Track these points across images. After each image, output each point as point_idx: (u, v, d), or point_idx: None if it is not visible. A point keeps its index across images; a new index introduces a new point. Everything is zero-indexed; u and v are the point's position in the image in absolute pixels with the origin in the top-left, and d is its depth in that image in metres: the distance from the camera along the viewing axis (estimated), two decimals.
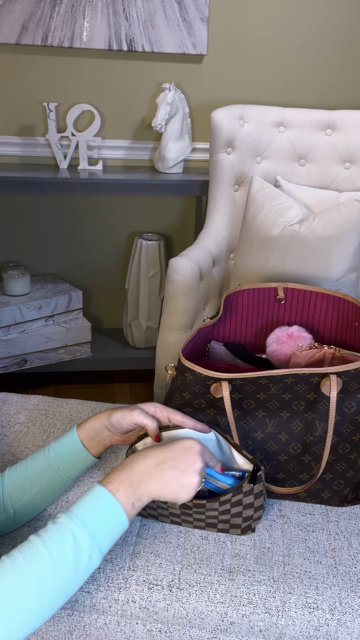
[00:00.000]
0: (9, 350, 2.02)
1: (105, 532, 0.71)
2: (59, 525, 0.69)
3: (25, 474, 0.91)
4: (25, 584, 0.65)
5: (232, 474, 0.93)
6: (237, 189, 1.90)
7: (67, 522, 0.69)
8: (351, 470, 1.01)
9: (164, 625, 0.89)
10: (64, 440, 0.92)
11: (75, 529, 0.69)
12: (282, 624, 0.86)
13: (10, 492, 0.90)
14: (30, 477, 0.91)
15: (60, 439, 0.93)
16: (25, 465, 0.92)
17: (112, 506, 0.72)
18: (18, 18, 1.89)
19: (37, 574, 0.66)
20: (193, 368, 0.93)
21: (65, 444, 0.92)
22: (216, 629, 0.88)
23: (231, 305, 1.22)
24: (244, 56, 2.06)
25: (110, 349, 2.25)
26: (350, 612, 0.87)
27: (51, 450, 0.92)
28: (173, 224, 2.29)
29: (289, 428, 0.98)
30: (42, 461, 0.91)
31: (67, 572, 0.68)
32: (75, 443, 0.91)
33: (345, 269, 1.56)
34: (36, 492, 0.91)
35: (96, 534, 0.70)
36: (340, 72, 2.11)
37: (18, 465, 0.93)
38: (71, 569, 0.68)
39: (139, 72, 2.04)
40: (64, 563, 0.67)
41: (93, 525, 0.70)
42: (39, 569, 0.66)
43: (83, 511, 0.71)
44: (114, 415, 0.90)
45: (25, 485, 0.90)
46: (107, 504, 0.72)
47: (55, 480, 0.92)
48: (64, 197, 2.19)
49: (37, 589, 0.66)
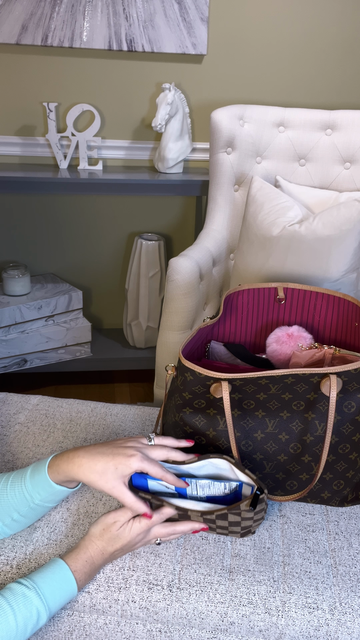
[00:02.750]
0: (9, 350, 2.02)
1: (59, 606, 0.84)
2: (28, 602, 0.80)
3: (6, 500, 0.89)
4: None
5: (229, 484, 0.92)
6: (237, 189, 1.90)
7: (36, 600, 0.81)
8: (351, 470, 1.01)
9: (164, 625, 0.89)
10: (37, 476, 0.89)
11: (41, 609, 0.81)
12: (282, 624, 0.86)
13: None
14: (10, 503, 0.89)
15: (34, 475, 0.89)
16: (6, 491, 0.89)
17: (72, 591, 0.85)
18: (18, 18, 1.89)
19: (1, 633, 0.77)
20: (193, 368, 0.93)
21: (38, 480, 0.88)
22: (216, 629, 0.88)
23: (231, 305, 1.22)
24: (244, 56, 2.06)
25: (110, 349, 2.25)
26: (350, 612, 0.86)
27: (27, 483, 0.89)
28: (173, 224, 2.29)
29: (288, 428, 0.98)
30: (19, 492, 0.89)
31: (20, 635, 0.79)
32: (47, 483, 0.88)
33: (345, 269, 1.56)
34: (19, 516, 0.90)
35: (53, 610, 0.83)
36: (340, 72, 2.11)
37: (0, 485, 0.90)
38: (22, 634, 0.80)
39: (139, 72, 2.04)
40: (23, 631, 0.79)
41: (54, 604, 0.83)
42: (2, 632, 0.77)
43: (50, 593, 0.82)
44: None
45: (7, 510, 0.89)
46: (69, 589, 0.84)
47: (36, 510, 0.90)
48: (64, 197, 2.19)
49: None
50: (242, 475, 0.91)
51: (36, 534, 0.95)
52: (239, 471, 0.91)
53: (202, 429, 0.98)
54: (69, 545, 0.94)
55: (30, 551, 0.93)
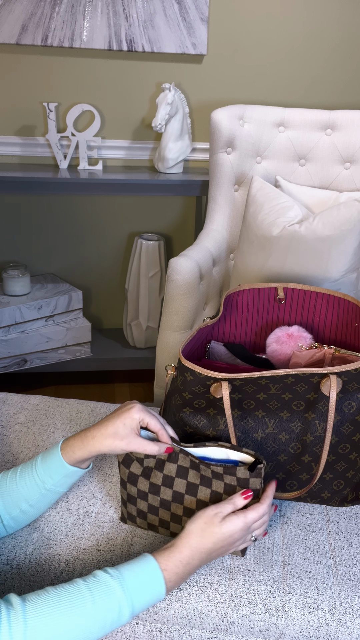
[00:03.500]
0: (9, 350, 2.02)
1: (144, 607, 0.78)
2: (110, 592, 0.75)
3: (15, 490, 0.89)
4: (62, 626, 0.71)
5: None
6: (237, 189, 1.90)
7: (119, 593, 0.75)
8: (351, 470, 1.01)
9: (164, 625, 0.89)
10: (49, 460, 0.89)
11: (123, 604, 0.75)
12: (282, 624, 0.86)
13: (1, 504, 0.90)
14: (20, 493, 0.89)
15: (46, 459, 0.90)
16: (15, 481, 0.90)
17: (160, 592, 0.79)
18: (18, 18, 1.89)
19: (76, 621, 0.72)
20: (193, 368, 0.93)
21: (51, 464, 0.89)
22: (216, 629, 0.88)
23: (231, 305, 1.22)
24: (244, 56, 2.06)
25: (110, 349, 2.25)
26: (350, 612, 0.87)
27: (38, 469, 0.90)
28: (173, 224, 2.29)
29: (288, 428, 0.98)
30: (30, 480, 0.89)
31: (98, 627, 0.74)
32: (61, 464, 0.89)
33: (345, 269, 1.56)
34: (28, 506, 0.90)
35: (137, 609, 0.77)
36: (340, 72, 2.11)
37: (8, 478, 0.90)
38: (101, 626, 0.74)
39: (139, 72, 2.04)
40: (102, 624, 0.74)
41: (138, 603, 0.77)
42: (79, 619, 0.72)
43: (136, 589, 0.76)
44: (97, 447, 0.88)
45: (16, 501, 0.89)
46: (157, 593, 0.78)
47: (47, 496, 0.91)
48: (64, 197, 2.19)
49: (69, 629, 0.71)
50: (239, 456, 0.90)
51: (36, 533, 0.95)
52: (236, 453, 0.90)
53: (202, 429, 0.98)
54: (69, 545, 0.94)
55: (30, 551, 0.93)
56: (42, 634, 0.70)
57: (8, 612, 0.70)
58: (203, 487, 0.90)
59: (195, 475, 0.90)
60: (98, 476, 1.08)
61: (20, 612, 0.70)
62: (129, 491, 0.94)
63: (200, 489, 0.90)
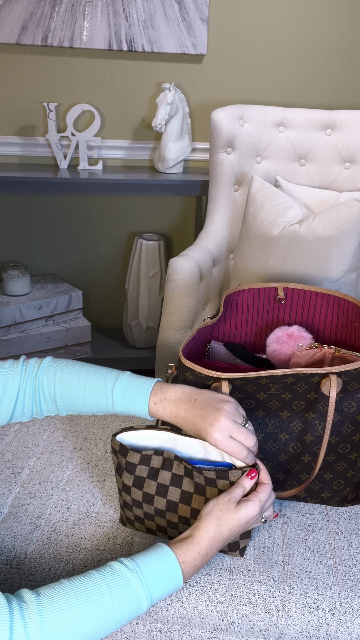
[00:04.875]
0: (9, 350, 2.02)
1: (161, 598, 0.77)
2: (128, 585, 0.73)
3: (79, 401, 0.89)
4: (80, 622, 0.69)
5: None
6: (237, 189, 1.90)
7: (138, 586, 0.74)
8: (351, 470, 1.01)
9: (164, 625, 0.89)
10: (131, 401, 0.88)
11: (141, 596, 0.74)
12: (282, 623, 0.86)
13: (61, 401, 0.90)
14: (83, 403, 0.89)
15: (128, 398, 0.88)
16: (83, 396, 0.89)
17: (177, 583, 0.78)
18: (18, 18, 1.89)
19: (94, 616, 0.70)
20: (193, 368, 0.93)
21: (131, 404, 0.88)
22: (216, 628, 0.88)
23: (231, 305, 1.22)
24: (244, 56, 2.06)
25: (110, 349, 2.25)
26: (350, 612, 0.87)
27: (116, 403, 0.88)
28: (173, 224, 2.29)
29: (288, 428, 0.98)
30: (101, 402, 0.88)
31: (116, 620, 0.72)
32: (144, 412, 0.88)
33: (345, 269, 1.56)
34: (83, 411, 0.91)
35: (154, 600, 0.76)
36: (340, 72, 2.11)
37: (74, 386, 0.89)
38: (119, 620, 0.73)
39: (139, 72, 2.05)
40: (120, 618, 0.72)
41: (156, 594, 0.75)
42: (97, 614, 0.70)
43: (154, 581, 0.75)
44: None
45: (75, 406, 0.90)
46: (174, 585, 0.77)
47: (106, 412, 0.91)
48: (64, 197, 2.19)
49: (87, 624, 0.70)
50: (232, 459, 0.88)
51: (36, 533, 0.95)
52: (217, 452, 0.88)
53: None
54: (69, 545, 0.94)
55: (30, 551, 0.93)
56: (59, 631, 0.67)
57: (21, 609, 0.67)
58: (197, 495, 0.88)
59: (189, 483, 0.89)
60: (98, 476, 1.08)
61: (36, 609, 0.67)
62: (124, 498, 0.94)
63: (194, 498, 0.89)
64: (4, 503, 1.01)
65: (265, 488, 0.85)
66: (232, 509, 0.82)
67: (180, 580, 0.77)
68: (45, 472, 1.09)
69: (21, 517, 0.98)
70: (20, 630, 0.65)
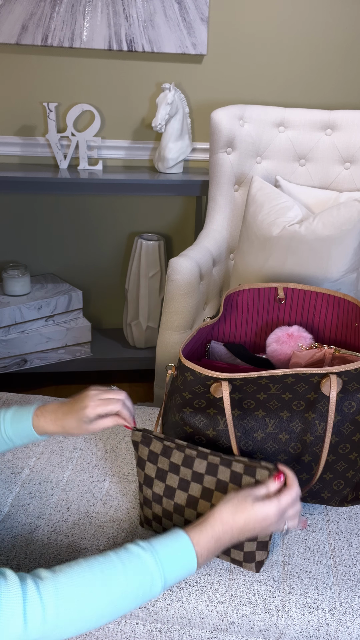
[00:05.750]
0: (9, 350, 2.02)
1: (175, 580, 0.78)
2: (142, 564, 0.74)
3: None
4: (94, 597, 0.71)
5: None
6: (237, 189, 1.90)
7: (152, 565, 0.75)
8: (351, 470, 1.01)
9: (164, 625, 0.89)
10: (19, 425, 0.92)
11: (156, 576, 0.75)
12: (282, 623, 0.86)
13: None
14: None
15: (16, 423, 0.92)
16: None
17: (191, 566, 0.78)
18: (18, 18, 1.89)
19: (108, 591, 0.71)
20: (193, 368, 0.93)
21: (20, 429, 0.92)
22: (216, 628, 0.88)
23: (231, 305, 1.22)
24: (244, 56, 2.06)
25: (110, 349, 2.25)
26: (350, 612, 0.87)
27: (6, 428, 0.92)
28: (173, 224, 2.29)
29: (289, 428, 0.98)
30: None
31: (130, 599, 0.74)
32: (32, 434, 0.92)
33: (345, 269, 1.56)
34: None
35: (169, 581, 0.77)
36: (340, 72, 2.11)
37: None
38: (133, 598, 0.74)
39: (139, 72, 2.04)
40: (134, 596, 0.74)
41: (170, 575, 0.76)
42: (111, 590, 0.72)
43: (168, 562, 0.76)
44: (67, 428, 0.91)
45: None
46: (188, 567, 0.78)
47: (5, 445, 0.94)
48: (64, 197, 2.19)
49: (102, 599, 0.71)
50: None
51: (36, 533, 0.95)
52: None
53: (203, 429, 0.98)
54: (69, 545, 0.94)
55: (30, 551, 0.93)
56: (74, 603, 0.69)
57: (36, 584, 0.69)
58: (218, 492, 0.89)
59: (211, 481, 0.89)
60: (98, 476, 1.08)
61: (51, 583, 0.69)
62: (145, 494, 0.95)
63: (215, 495, 0.89)
64: (4, 503, 1.01)
65: (289, 493, 0.83)
66: (249, 501, 0.81)
67: (194, 562, 0.77)
68: (45, 472, 1.09)
69: (21, 517, 0.98)
70: (36, 602, 0.67)
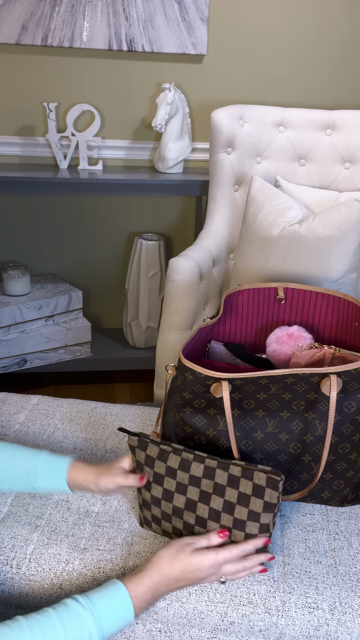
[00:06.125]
0: (9, 350, 2.02)
1: (112, 633, 0.79)
2: (82, 622, 0.75)
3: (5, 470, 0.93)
4: None
5: None
6: (237, 189, 1.90)
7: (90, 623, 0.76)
8: (351, 470, 1.01)
9: (164, 625, 0.89)
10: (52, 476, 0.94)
11: (94, 633, 0.75)
12: (282, 623, 0.86)
13: None
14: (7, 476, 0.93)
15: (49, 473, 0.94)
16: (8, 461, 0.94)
17: (128, 618, 0.79)
18: (18, 18, 1.89)
19: None
20: (193, 368, 0.93)
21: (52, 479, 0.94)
22: (216, 628, 0.88)
23: (231, 305, 1.22)
24: (244, 56, 2.06)
25: (110, 349, 2.25)
26: (350, 612, 0.87)
27: (38, 475, 0.93)
28: (173, 224, 2.29)
29: (289, 428, 0.98)
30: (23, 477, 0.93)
31: None
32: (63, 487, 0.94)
33: (345, 269, 1.56)
34: (4, 487, 0.95)
35: (106, 636, 0.77)
36: (340, 72, 2.11)
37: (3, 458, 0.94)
38: None
39: (139, 72, 2.04)
40: None
41: (108, 630, 0.77)
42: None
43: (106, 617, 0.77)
44: (101, 482, 0.93)
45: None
46: (126, 616, 0.79)
47: (27, 489, 0.95)
48: (64, 197, 2.19)
49: None
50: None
51: (36, 533, 0.95)
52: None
53: (202, 429, 0.98)
54: (70, 545, 0.94)
55: (30, 551, 0.93)
56: None
57: None
58: (216, 496, 0.89)
59: (208, 484, 0.89)
60: None
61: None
62: (143, 496, 0.94)
63: (213, 498, 0.89)
64: (4, 503, 1.01)
65: (230, 549, 0.86)
66: (187, 552, 0.84)
67: (131, 615, 0.79)
68: None
69: (21, 517, 0.98)
70: None
